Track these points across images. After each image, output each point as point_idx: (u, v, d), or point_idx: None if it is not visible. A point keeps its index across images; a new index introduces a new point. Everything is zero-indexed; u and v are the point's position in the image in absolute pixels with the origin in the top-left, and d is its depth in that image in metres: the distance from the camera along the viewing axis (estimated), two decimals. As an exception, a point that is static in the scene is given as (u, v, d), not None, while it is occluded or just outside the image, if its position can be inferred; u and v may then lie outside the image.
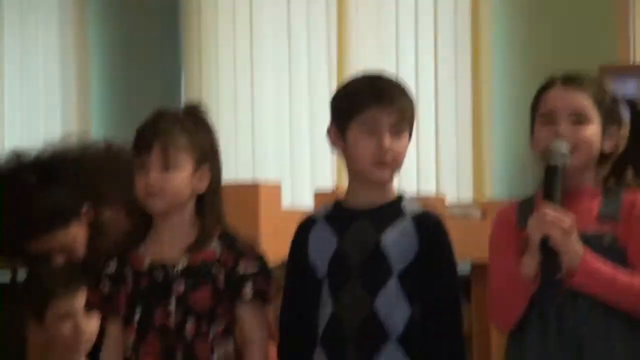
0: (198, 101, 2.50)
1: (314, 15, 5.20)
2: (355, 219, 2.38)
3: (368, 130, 2.33)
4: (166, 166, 2.35)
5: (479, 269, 3.72)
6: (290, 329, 2.40)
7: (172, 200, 2.37)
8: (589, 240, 2.28)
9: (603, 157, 2.39)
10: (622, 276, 2.26)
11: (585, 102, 2.34)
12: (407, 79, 4.91)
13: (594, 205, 2.34)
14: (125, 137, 2.65)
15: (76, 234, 2.87)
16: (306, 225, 2.43)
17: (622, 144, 2.41)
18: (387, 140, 2.32)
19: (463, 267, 3.73)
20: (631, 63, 4.79)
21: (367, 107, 2.32)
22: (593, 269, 2.25)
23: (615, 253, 2.30)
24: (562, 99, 2.34)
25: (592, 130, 2.34)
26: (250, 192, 2.78)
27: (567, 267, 2.25)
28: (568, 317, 2.28)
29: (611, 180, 2.40)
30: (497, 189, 4.89)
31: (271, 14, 5.27)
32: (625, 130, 2.42)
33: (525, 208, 2.37)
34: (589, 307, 2.27)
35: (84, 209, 2.88)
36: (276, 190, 2.84)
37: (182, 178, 2.36)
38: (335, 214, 2.41)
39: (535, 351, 2.30)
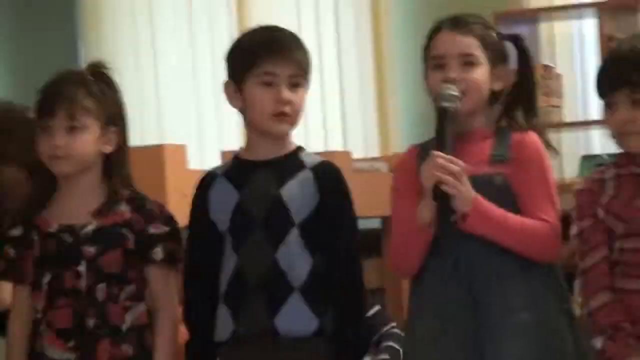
0: (100, 59, 2.46)
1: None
2: (255, 172, 2.39)
3: (265, 83, 2.33)
4: (71, 129, 2.34)
5: (388, 222, 3.75)
6: (195, 288, 2.41)
7: (77, 162, 2.36)
8: (481, 182, 2.32)
9: (494, 97, 2.43)
10: (513, 217, 2.31)
11: (472, 44, 2.37)
12: (309, 36, 4.95)
13: (485, 147, 2.38)
14: (19, 99, 2.61)
15: None
16: (206, 182, 2.43)
17: (511, 83, 2.44)
18: (286, 93, 2.33)
19: (373, 221, 3.77)
20: (523, 8, 4.87)
21: (264, 60, 2.33)
22: (484, 211, 2.29)
23: (507, 194, 2.34)
24: (449, 42, 2.37)
25: (481, 72, 2.38)
26: (155, 153, 2.76)
27: (460, 210, 2.29)
28: (462, 260, 2.33)
29: (503, 121, 2.44)
30: (404, 144, 4.93)
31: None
32: (512, 69, 2.46)
33: (424, 152, 2.39)
34: (481, 249, 2.31)
35: None
36: (181, 150, 2.83)
37: (88, 140, 2.35)
38: (235, 168, 2.41)
39: (434, 294, 2.35)
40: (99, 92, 2.38)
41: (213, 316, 2.37)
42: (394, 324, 3.28)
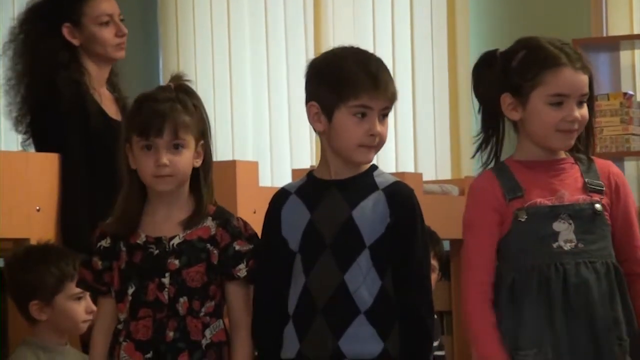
0: (180, 72, 2.46)
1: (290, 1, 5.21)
2: (327, 191, 2.37)
3: (359, 114, 2.32)
4: (175, 147, 2.35)
5: (458, 245, 3.73)
6: (264, 304, 2.40)
7: (180, 179, 2.37)
8: (583, 209, 2.34)
9: None
10: None
11: (587, 83, 2.37)
12: (384, 57, 4.94)
13: (576, 174, 2.39)
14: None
15: None
16: (279, 199, 2.42)
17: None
18: (378, 126, 2.33)
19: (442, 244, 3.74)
20: (604, 36, 4.81)
21: (363, 94, 2.30)
22: None
23: (603, 222, 2.36)
24: (573, 82, 2.35)
25: (586, 108, 2.38)
26: (227, 169, 2.78)
27: None
28: (574, 285, 2.32)
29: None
30: (476, 167, 4.89)
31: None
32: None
33: (506, 179, 2.38)
34: (587, 269, 2.33)
35: None
36: (252, 167, 2.84)
37: (188, 157, 2.37)
38: (308, 186, 2.41)
39: (538, 317, 2.32)
40: (192, 107, 2.39)
41: (282, 333, 2.36)
42: None
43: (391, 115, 2.30)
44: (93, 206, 2.89)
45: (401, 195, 2.36)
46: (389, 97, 2.33)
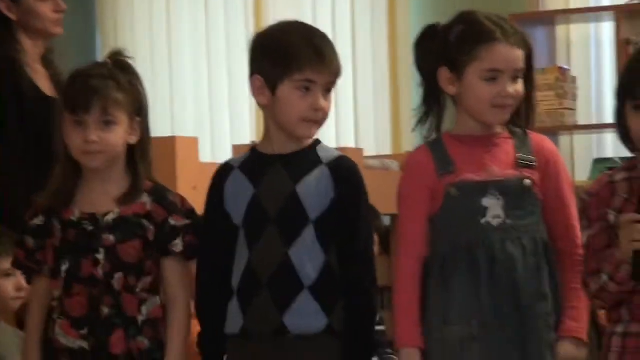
0: (120, 48, 2.45)
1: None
2: (271, 166, 2.38)
3: (303, 88, 2.32)
4: (106, 124, 2.34)
5: (397, 220, 3.74)
6: (207, 279, 2.40)
7: (110, 156, 2.36)
8: (510, 185, 2.35)
9: None
10: None
11: (522, 57, 2.37)
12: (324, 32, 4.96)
13: (509, 148, 2.40)
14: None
15: None
16: (222, 173, 2.42)
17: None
18: (322, 101, 2.33)
19: (383, 218, 3.77)
20: (539, 10, 4.86)
21: (307, 67, 2.31)
22: None
23: (533, 198, 2.37)
24: (509, 57, 2.35)
25: (522, 83, 2.38)
26: (167, 145, 2.76)
27: None
28: (500, 261, 2.33)
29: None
30: (416, 142, 4.92)
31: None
32: None
33: (439, 154, 2.40)
34: (514, 243, 2.34)
35: None
36: (192, 143, 2.83)
37: (120, 134, 2.35)
38: (252, 160, 2.41)
39: (466, 292, 2.34)
40: (127, 84, 2.38)
41: (225, 308, 2.36)
42: (389, 351, 3.29)
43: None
44: (29, 184, 2.86)
45: (345, 170, 2.37)
46: (333, 72, 2.34)
